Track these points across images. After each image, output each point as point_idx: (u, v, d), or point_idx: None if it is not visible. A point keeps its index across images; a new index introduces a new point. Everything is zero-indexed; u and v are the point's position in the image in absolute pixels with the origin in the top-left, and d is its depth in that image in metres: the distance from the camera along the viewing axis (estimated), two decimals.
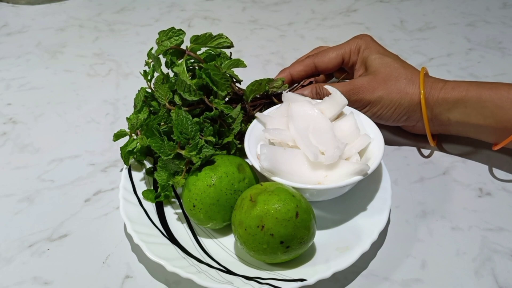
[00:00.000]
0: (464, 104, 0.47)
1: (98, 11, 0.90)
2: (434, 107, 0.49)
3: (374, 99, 0.50)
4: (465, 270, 0.41)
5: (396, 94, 0.49)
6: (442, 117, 0.49)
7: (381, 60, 0.52)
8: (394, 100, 0.49)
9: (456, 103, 0.48)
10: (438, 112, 0.49)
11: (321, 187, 0.41)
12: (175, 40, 0.46)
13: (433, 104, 0.49)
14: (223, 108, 0.45)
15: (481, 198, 0.48)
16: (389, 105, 0.50)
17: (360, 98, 0.50)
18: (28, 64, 0.74)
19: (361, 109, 0.50)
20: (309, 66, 0.55)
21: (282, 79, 0.50)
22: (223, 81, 0.45)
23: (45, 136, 0.58)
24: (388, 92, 0.49)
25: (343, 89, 0.50)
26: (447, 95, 0.48)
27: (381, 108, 0.50)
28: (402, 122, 0.52)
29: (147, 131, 0.47)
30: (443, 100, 0.48)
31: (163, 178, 0.44)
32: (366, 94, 0.50)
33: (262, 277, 0.38)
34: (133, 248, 0.44)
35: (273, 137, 0.45)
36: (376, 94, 0.50)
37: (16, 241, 0.45)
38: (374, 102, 0.50)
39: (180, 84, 0.45)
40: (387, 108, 0.50)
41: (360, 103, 0.50)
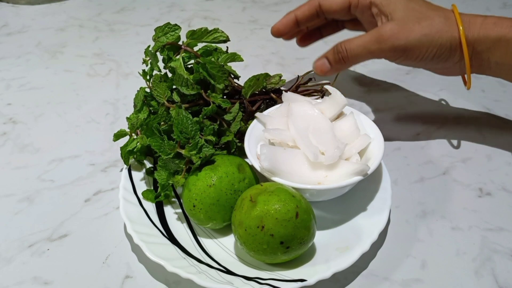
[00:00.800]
0: (506, 43, 0.43)
1: (98, 11, 0.90)
2: (475, 45, 0.44)
3: (411, 43, 0.45)
4: (465, 270, 0.41)
5: (435, 34, 0.44)
6: (482, 56, 0.45)
7: (406, 3, 0.46)
8: (434, 40, 0.44)
9: (498, 42, 0.43)
10: (478, 51, 0.45)
11: (321, 187, 0.41)
12: (171, 35, 0.46)
13: (474, 41, 0.44)
14: (220, 102, 0.45)
15: (481, 198, 0.48)
16: (429, 47, 0.45)
17: (394, 45, 0.45)
18: (28, 64, 0.74)
19: (396, 59, 0.46)
20: (313, 5, 0.51)
21: (279, 75, 0.50)
22: (220, 74, 0.45)
23: (45, 136, 0.58)
24: (425, 33, 0.44)
25: (370, 38, 0.45)
26: (488, 31, 0.44)
27: (421, 53, 0.45)
28: (442, 64, 0.47)
29: (147, 130, 0.47)
30: (484, 37, 0.44)
31: (163, 178, 0.44)
32: (400, 39, 0.45)
33: (262, 277, 0.38)
34: (133, 248, 0.44)
35: (273, 137, 0.45)
36: (413, 37, 0.44)
37: (16, 241, 0.45)
38: (411, 47, 0.45)
39: (177, 79, 0.45)
40: (427, 51, 0.45)
41: (394, 52, 0.45)
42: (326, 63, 0.48)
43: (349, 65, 0.49)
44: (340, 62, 0.47)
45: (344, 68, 0.49)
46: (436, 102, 0.63)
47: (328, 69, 0.49)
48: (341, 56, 0.47)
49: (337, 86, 0.50)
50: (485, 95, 0.64)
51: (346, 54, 0.47)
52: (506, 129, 0.57)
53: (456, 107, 0.61)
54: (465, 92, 0.65)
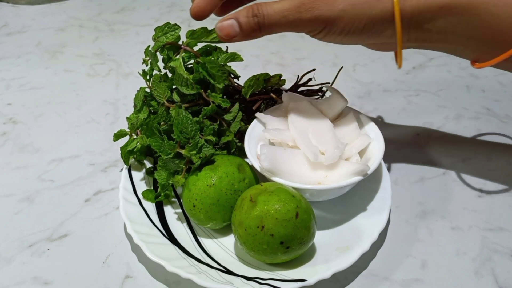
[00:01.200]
0: (450, 11, 0.37)
1: (98, 11, 0.90)
2: (413, 16, 0.38)
3: (335, 14, 0.38)
4: (465, 270, 0.41)
5: (363, 4, 0.38)
6: (422, 28, 0.39)
7: None
8: (362, 12, 0.38)
9: (440, 10, 0.38)
10: (417, 23, 0.39)
11: (321, 187, 0.41)
12: (171, 35, 0.46)
13: (412, 12, 0.38)
14: (220, 101, 0.45)
15: (481, 198, 0.48)
16: (356, 20, 0.38)
17: (315, 15, 0.38)
18: (28, 64, 0.74)
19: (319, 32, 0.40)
20: None
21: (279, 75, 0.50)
22: (220, 73, 0.45)
23: (45, 136, 0.58)
24: (352, 3, 0.38)
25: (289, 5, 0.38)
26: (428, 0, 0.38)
27: (346, 26, 0.39)
28: (372, 40, 0.41)
29: (147, 130, 0.47)
30: (424, 7, 0.38)
31: (163, 178, 0.44)
32: (323, 9, 0.38)
33: (262, 278, 0.38)
34: (133, 248, 0.44)
35: (273, 137, 0.45)
36: (338, 6, 0.38)
37: (16, 241, 0.45)
38: (335, 19, 0.38)
39: (177, 79, 0.45)
40: (353, 25, 0.39)
41: (316, 23, 0.39)
42: (235, 26, 0.40)
43: (262, 35, 0.41)
44: (254, 29, 0.39)
45: (255, 36, 0.41)
46: (436, 102, 0.63)
47: (237, 34, 0.40)
48: (257, 21, 0.39)
49: (337, 86, 0.50)
50: (485, 95, 0.64)
51: (263, 20, 0.39)
52: (506, 129, 0.57)
53: (456, 107, 0.61)
54: (465, 92, 0.65)
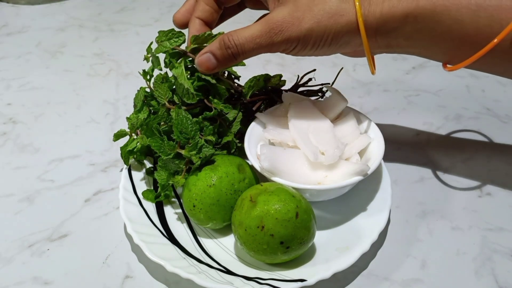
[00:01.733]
0: (414, 19, 0.38)
1: (98, 11, 0.90)
2: (379, 26, 0.39)
3: (304, 34, 0.39)
4: (465, 270, 0.41)
5: (327, 20, 0.39)
6: (389, 37, 0.40)
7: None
8: (328, 27, 0.39)
9: (405, 19, 0.38)
10: (383, 32, 0.40)
11: (321, 187, 0.41)
12: (175, 41, 0.45)
13: (377, 22, 0.39)
14: (222, 107, 0.45)
15: (481, 198, 0.48)
16: (323, 36, 0.40)
17: (286, 37, 0.40)
18: (28, 64, 0.74)
19: (290, 51, 0.41)
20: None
21: (280, 75, 0.50)
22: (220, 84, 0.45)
23: (45, 136, 0.58)
24: (318, 21, 0.39)
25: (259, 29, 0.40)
26: (393, 9, 0.38)
27: (315, 43, 0.40)
28: (343, 50, 0.42)
29: (147, 130, 0.47)
30: (388, 16, 0.38)
31: (163, 178, 0.44)
32: (291, 30, 0.39)
33: (262, 278, 0.38)
34: (133, 248, 0.44)
35: (273, 137, 0.45)
36: (304, 26, 0.39)
37: (16, 241, 0.45)
38: (304, 38, 0.40)
39: (179, 86, 0.45)
40: (321, 40, 0.40)
41: (287, 44, 0.40)
42: (211, 59, 0.42)
43: (237, 61, 0.43)
44: (230, 59, 0.42)
45: (231, 64, 0.43)
46: (436, 102, 0.63)
47: (215, 66, 0.43)
48: (230, 52, 0.41)
49: (337, 86, 0.50)
50: (485, 95, 0.64)
51: (236, 50, 0.41)
52: (506, 129, 0.57)
53: (456, 107, 0.61)
54: (465, 92, 0.65)
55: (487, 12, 0.37)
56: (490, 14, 0.37)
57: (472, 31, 0.37)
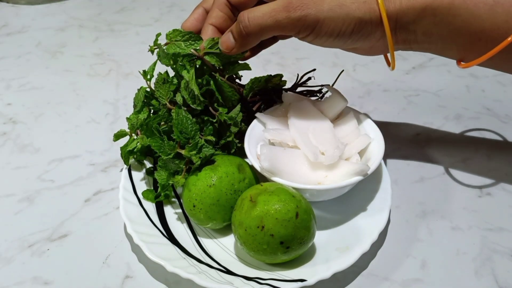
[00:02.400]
0: (433, 12, 0.38)
1: (98, 11, 0.90)
2: (399, 17, 0.39)
3: (324, 14, 0.38)
4: (465, 270, 0.41)
5: (350, 5, 0.38)
6: (408, 29, 0.40)
7: None
8: (351, 13, 0.38)
9: (423, 11, 0.39)
10: (403, 23, 0.40)
11: (321, 187, 0.41)
12: (191, 44, 0.44)
13: (397, 13, 0.39)
14: (227, 118, 0.45)
15: (481, 198, 0.48)
16: (345, 20, 0.38)
17: (304, 14, 0.38)
18: (28, 64, 0.74)
19: (308, 34, 0.40)
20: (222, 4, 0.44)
21: (280, 75, 0.50)
22: (231, 94, 0.45)
23: (45, 136, 0.58)
24: (340, 4, 0.38)
25: (277, 6, 0.38)
26: (412, 1, 0.39)
27: (336, 27, 0.39)
28: (362, 42, 0.41)
29: (147, 130, 0.47)
30: (408, 7, 0.39)
31: (163, 178, 0.44)
32: (311, 8, 0.38)
33: (262, 278, 0.38)
34: (133, 248, 0.44)
35: (273, 137, 0.45)
36: (325, 6, 0.38)
37: (16, 241, 0.45)
38: (324, 19, 0.38)
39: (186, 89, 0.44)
40: (343, 25, 0.39)
41: (304, 23, 0.39)
42: (230, 38, 0.41)
43: (254, 40, 0.41)
44: (243, 36, 0.40)
45: (249, 44, 0.41)
46: (436, 102, 0.63)
47: (233, 45, 0.41)
48: (242, 26, 0.40)
49: (337, 86, 0.50)
50: (485, 95, 0.64)
51: (248, 24, 0.39)
52: (506, 129, 0.57)
53: (456, 107, 0.61)
54: (465, 92, 0.65)
55: (504, 8, 0.37)
56: (508, 10, 0.37)
57: (489, 26, 0.38)
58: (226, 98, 0.45)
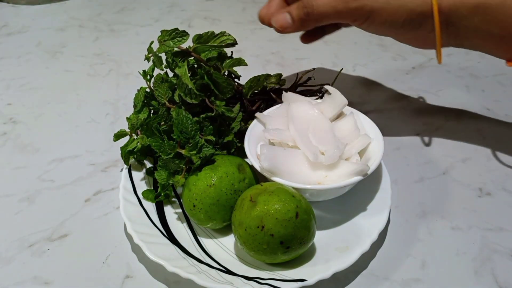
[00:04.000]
0: (484, 10, 0.41)
1: (98, 11, 0.90)
2: (451, 12, 0.42)
3: (379, 4, 0.42)
4: (465, 270, 0.41)
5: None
6: (459, 24, 0.43)
7: None
8: (403, 4, 0.42)
9: (475, 8, 0.41)
10: (455, 18, 0.42)
11: (321, 187, 0.41)
12: (178, 41, 0.45)
13: (449, 8, 0.42)
14: (224, 110, 0.45)
15: (481, 198, 0.48)
16: (398, 10, 0.42)
17: (361, 4, 0.42)
18: (28, 64, 0.74)
19: (363, 22, 0.44)
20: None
21: (279, 75, 0.50)
22: (226, 84, 0.45)
23: (45, 136, 0.58)
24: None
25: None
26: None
27: (389, 17, 0.42)
28: (413, 32, 0.44)
29: (147, 130, 0.47)
30: (460, 4, 0.42)
31: (163, 177, 0.44)
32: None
33: (262, 277, 0.38)
34: (133, 248, 0.44)
35: (273, 137, 0.45)
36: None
37: (16, 241, 0.45)
38: (379, 8, 0.42)
39: (180, 86, 0.45)
40: (396, 14, 0.42)
41: (361, 12, 0.42)
42: (287, 18, 0.45)
43: (312, 25, 0.45)
44: (304, 20, 0.44)
45: (306, 27, 0.45)
46: (436, 102, 0.63)
47: (289, 25, 0.45)
48: (306, 12, 0.43)
49: (337, 86, 0.50)
50: (485, 95, 0.64)
51: (312, 10, 0.44)
52: (506, 129, 0.57)
53: (456, 107, 0.61)
54: (465, 92, 0.65)
55: None
56: None
57: None
58: (222, 90, 0.45)
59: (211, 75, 0.44)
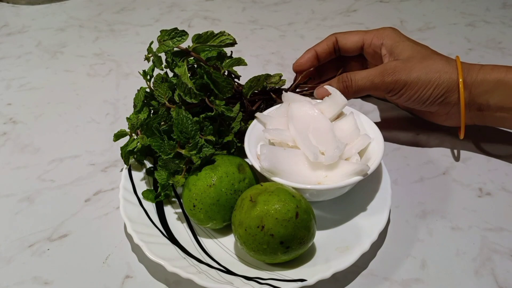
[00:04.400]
0: (504, 86, 0.46)
1: (98, 11, 0.90)
2: (473, 88, 0.47)
3: (412, 79, 0.48)
4: (465, 270, 0.41)
5: (434, 73, 0.48)
6: (481, 99, 0.48)
7: (413, 46, 0.51)
8: (433, 79, 0.48)
9: (496, 84, 0.46)
10: (477, 94, 0.47)
11: (321, 187, 0.41)
12: (178, 41, 0.45)
13: (472, 84, 0.47)
14: (224, 109, 0.45)
15: (481, 198, 0.48)
16: (427, 85, 0.48)
17: (396, 79, 0.48)
18: (28, 64, 0.74)
19: (396, 92, 0.49)
20: (331, 40, 0.55)
21: (279, 74, 0.50)
22: (225, 83, 0.45)
23: (45, 136, 0.58)
24: (426, 72, 0.48)
25: (375, 71, 0.49)
26: (486, 75, 0.47)
27: (419, 90, 0.48)
28: (438, 105, 0.50)
29: (147, 130, 0.47)
30: (482, 80, 0.47)
31: (163, 178, 0.44)
32: (402, 74, 0.48)
33: (262, 277, 0.38)
34: (133, 248, 0.44)
35: (273, 137, 0.45)
36: (414, 74, 0.48)
37: (16, 241, 0.45)
38: (411, 83, 0.48)
39: (180, 85, 0.45)
40: (425, 89, 0.48)
41: (396, 85, 0.49)
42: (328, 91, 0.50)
43: (351, 96, 0.51)
44: (343, 92, 0.49)
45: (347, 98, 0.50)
46: None
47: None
48: (345, 85, 0.49)
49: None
50: None
51: (350, 84, 0.50)
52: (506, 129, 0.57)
53: None
54: None
55: None
56: None
57: None
58: (221, 89, 0.45)
59: (211, 74, 0.44)
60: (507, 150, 0.53)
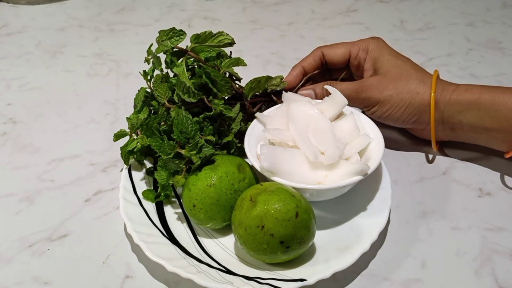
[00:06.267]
0: (477, 107, 0.46)
1: (98, 11, 0.90)
2: (446, 109, 0.48)
3: (383, 98, 0.49)
4: (465, 270, 0.41)
5: (406, 94, 0.49)
6: (454, 119, 0.48)
7: (392, 61, 0.51)
8: (404, 99, 0.49)
9: (469, 105, 0.47)
10: (449, 114, 0.48)
11: (321, 187, 0.41)
12: (176, 40, 0.45)
13: (445, 105, 0.48)
14: (222, 108, 0.45)
15: (481, 198, 0.48)
16: (398, 104, 0.49)
17: (368, 96, 0.49)
18: (28, 64, 0.74)
19: (370, 109, 0.50)
20: (317, 55, 0.55)
21: (280, 77, 0.50)
22: (223, 82, 0.45)
23: (45, 136, 0.58)
24: (398, 92, 0.49)
25: (352, 86, 0.50)
26: (459, 96, 0.47)
27: (390, 108, 0.49)
28: (411, 124, 0.51)
29: (147, 130, 0.47)
30: (455, 101, 0.47)
31: (163, 178, 0.44)
32: (375, 92, 0.49)
33: (262, 277, 0.38)
34: (133, 248, 0.44)
35: (273, 137, 0.45)
36: (386, 93, 0.49)
37: (16, 241, 0.45)
38: (383, 101, 0.49)
39: (179, 85, 0.45)
40: (396, 107, 0.49)
41: (368, 102, 0.50)
42: (312, 95, 0.52)
43: None
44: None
45: None
46: None
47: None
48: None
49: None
50: None
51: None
52: None
53: None
54: None
55: None
56: None
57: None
58: (220, 88, 0.45)
59: (209, 73, 0.44)
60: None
